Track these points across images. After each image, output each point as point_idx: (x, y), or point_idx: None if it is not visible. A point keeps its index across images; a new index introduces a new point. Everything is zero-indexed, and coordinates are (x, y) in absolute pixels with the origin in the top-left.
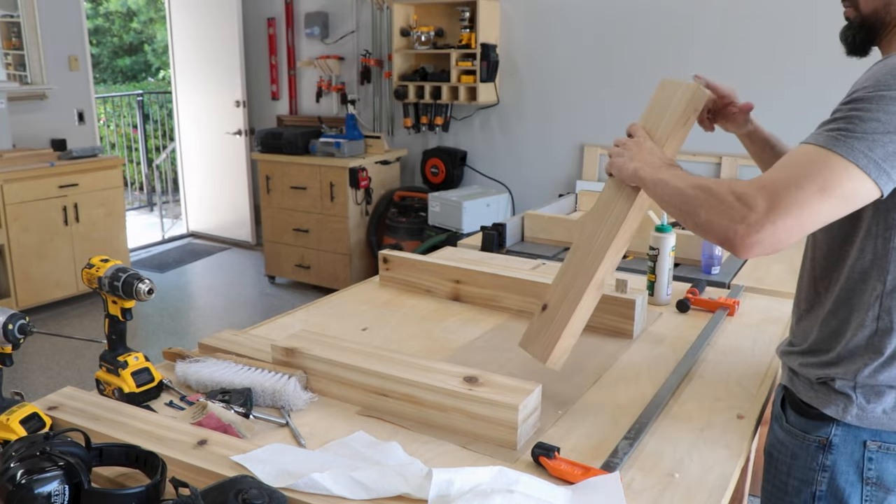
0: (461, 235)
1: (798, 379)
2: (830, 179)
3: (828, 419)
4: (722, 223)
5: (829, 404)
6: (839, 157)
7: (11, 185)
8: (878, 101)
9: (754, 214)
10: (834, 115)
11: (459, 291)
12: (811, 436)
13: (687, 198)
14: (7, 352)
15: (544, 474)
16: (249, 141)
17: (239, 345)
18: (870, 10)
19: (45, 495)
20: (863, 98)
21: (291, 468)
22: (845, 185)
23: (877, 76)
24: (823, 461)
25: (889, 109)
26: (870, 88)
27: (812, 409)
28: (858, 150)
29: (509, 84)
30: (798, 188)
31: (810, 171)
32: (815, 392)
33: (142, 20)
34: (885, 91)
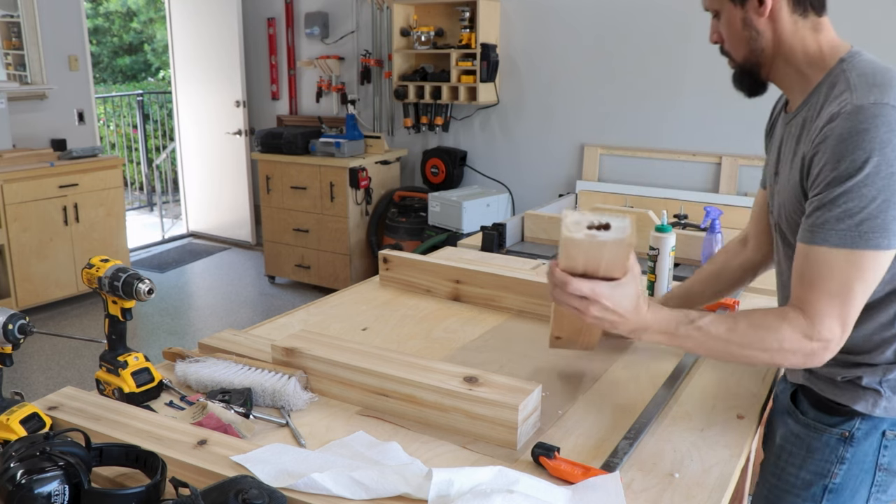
0: (461, 235)
1: (817, 378)
2: (871, 274)
3: (852, 413)
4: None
5: (859, 400)
6: (871, 251)
7: (11, 185)
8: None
9: (834, 343)
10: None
11: (459, 291)
12: (833, 429)
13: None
14: (7, 352)
15: (544, 474)
16: (249, 141)
17: (239, 345)
18: (742, 58)
19: (45, 495)
20: (846, 178)
21: (291, 468)
22: (879, 270)
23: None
24: (843, 453)
25: (872, 184)
26: (844, 166)
27: (839, 405)
28: (881, 236)
29: (509, 84)
30: (853, 299)
31: (854, 277)
32: (840, 390)
33: (142, 20)
34: (860, 165)
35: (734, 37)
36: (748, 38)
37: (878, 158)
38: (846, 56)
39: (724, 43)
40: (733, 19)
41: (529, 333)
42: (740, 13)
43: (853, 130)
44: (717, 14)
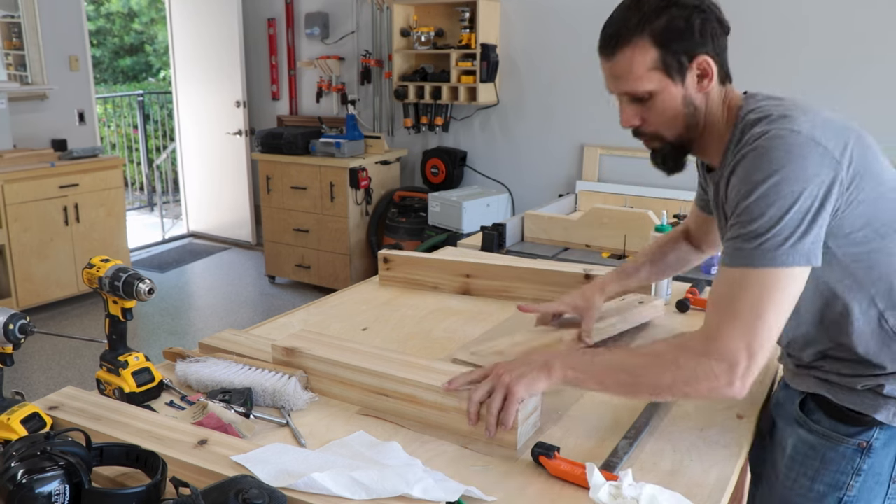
0: (461, 235)
1: (834, 386)
2: (780, 294)
3: (872, 423)
4: (704, 386)
5: (880, 409)
6: (772, 269)
7: (12, 185)
8: (762, 197)
9: (741, 366)
10: (736, 228)
11: (469, 285)
12: (851, 439)
13: (642, 369)
14: (8, 352)
15: (544, 474)
16: (249, 141)
17: (240, 345)
18: (676, 136)
19: (46, 495)
20: (746, 197)
21: (291, 468)
22: (792, 288)
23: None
24: (860, 465)
25: (773, 202)
26: (746, 188)
27: (859, 415)
28: (784, 254)
29: (509, 84)
30: (760, 319)
31: (760, 297)
32: (860, 398)
33: (143, 21)
34: (761, 186)
35: (670, 116)
36: (686, 116)
37: (778, 178)
38: (742, 103)
39: (648, 125)
40: (672, 99)
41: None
42: (681, 91)
43: (755, 157)
44: (642, 97)
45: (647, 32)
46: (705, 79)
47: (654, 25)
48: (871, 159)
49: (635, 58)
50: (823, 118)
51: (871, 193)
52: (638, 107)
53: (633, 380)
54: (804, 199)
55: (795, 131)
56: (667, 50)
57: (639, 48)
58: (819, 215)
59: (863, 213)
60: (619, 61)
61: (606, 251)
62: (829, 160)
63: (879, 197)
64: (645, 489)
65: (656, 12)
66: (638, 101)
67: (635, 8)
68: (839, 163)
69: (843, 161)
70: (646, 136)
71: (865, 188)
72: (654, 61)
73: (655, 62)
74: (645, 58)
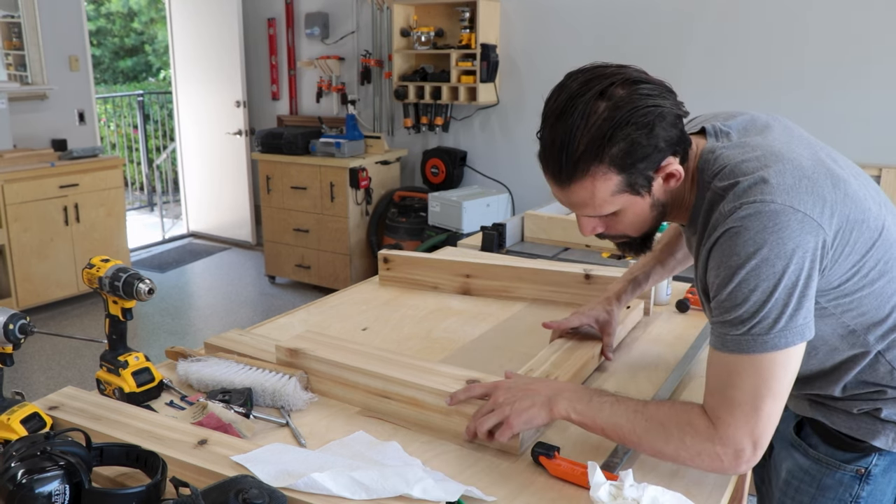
0: (461, 235)
1: (830, 410)
2: (778, 377)
3: (870, 449)
4: (707, 465)
5: (878, 435)
6: (769, 354)
7: (12, 185)
8: (744, 282)
9: (747, 453)
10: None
11: (469, 285)
12: (848, 466)
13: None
14: (8, 352)
15: (544, 474)
16: (249, 141)
17: (244, 344)
18: (643, 234)
19: (46, 495)
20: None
21: (291, 468)
22: (790, 367)
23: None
24: (858, 492)
25: (757, 287)
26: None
27: (856, 441)
28: (776, 336)
29: (509, 84)
30: (761, 408)
31: (758, 384)
32: (856, 423)
33: (143, 21)
34: (740, 271)
35: (639, 223)
36: (655, 217)
37: (757, 260)
38: (703, 164)
39: (611, 230)
40: (641, 210)
41: (535, 327)
42: (648, 200)
43: (730, 239)
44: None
45: (606, 158)
46: (673, 179)
47: (614, 149)
48: (851, 204)
49: (596, 187)
50: (794, 170)
51: (858, 244)
52: (600, 220)
53: (637, 441)
54: (789, 275)
55: (768, 202)
56: (632, 171)
57: (599, 177)
58: (808, 287)
59: (850, 262)
60: (577, 192)
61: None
62: (809, 225)
63: (866, 241)
64: (647, 490)
65: (610, 133)
66: (601, 216)
67: (584, 130)
68: (820, 225)
69: (824, 220)
70: (611, 238)
71: (851, 238)
72: (618, 186)
73: (620, 186)
74: (608, 185)
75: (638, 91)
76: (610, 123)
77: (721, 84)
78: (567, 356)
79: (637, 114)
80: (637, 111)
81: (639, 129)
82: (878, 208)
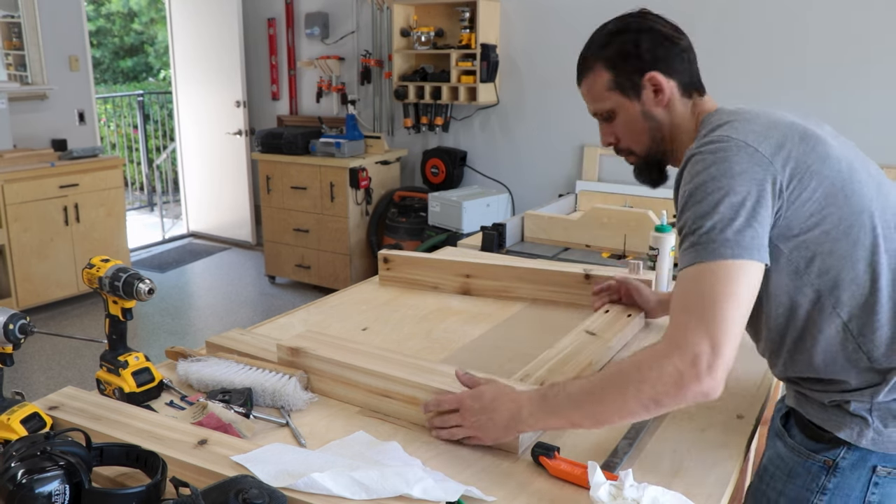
0: (461, 235)
1: (807, 400)
2: (735, 286)
3: (838, 441)
4: (671, 387)
5: (843, 427)
6: (721, 262)
7: (12, 185)
8: (692, 197)
9: (704, 356)
10: (682, 234)
11: (469, 285)
12: (817, 455)
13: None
14: (8, 352)
15: (544, 474)
16: (249, 141)
17: (246, 344)
18: (645, 150)
19: (46, 495)
20: (684, 203)
21: (291, 468)
22: (744, 281)
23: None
24: (825, 483)
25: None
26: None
27: (823, 431)
28: (726, 246)
29: (509, 84)
30: (716, 307)
31: (712, 287)
32: (826, 414)
33: (143, 21)
34: (690, 188)
35: (635, 131)
36: (649, 129)
37: (704, 176)
38: (703, 120)
39: (621, 141)
40: (632, 114)
41: (535, 327)
42: (638, 107)
43: (689, 168)
44: (608, 116)
45: (601, 58)
46: (660, 93)
47: (607, 52)
48: (816, 157)
49: (595, 81)
50: (767, 122)
51: (817, 193)
52: (609, 126)
53: (600, 405)
54: (734, 194)
55: (726, 136)
56: (618, 71)
57: (596, 73)
58: (755, 212)
59: (811, 212)
60: (585, 85)
61: (606, 251)
62: (758, 159)
63: (827, 196)
64: (647, 491)
65: (609, 40)
66: (606, 119)
67: (593, 40)
68: (771, 163)
69: (776, 161)
70: (622, 152)
71: (809, 187)
72: (609, 82)
73: (610, 83)
74: (602, 80)
75: (644, 17)
76: (610, 34)
77: (721, 84)
78: (563, 364)
79: (630, 28)
80: (632, 27)
81: (629, 37)
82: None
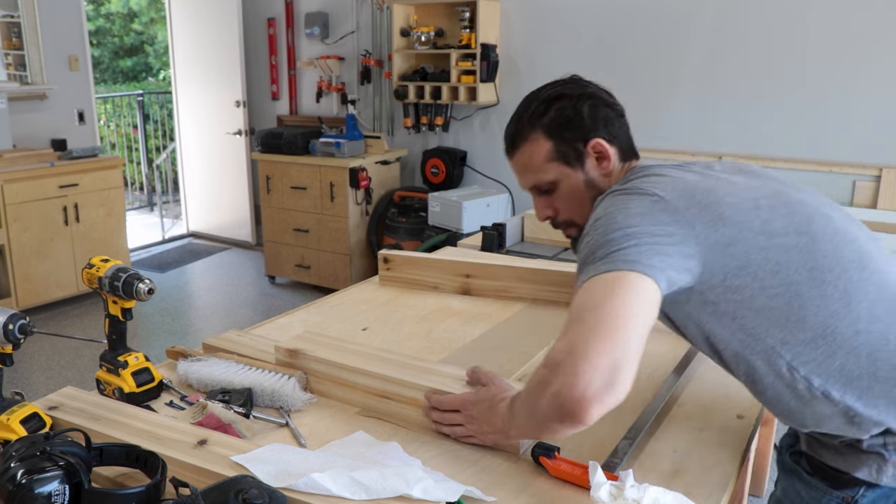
0: (461, 235)
1: (815, 442)
2: (609, 294)
3: (857, 481)
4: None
5: (861, 467)
6: (597, 276)
7: (11, 185)
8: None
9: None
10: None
11: (469, 285)
12: (835, 492)
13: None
14: (7, 352)
15: (544, 474)
16: (249, 141)
17: (243, 345)
18: (586, 220)
19: (46, 495)
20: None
21: (291, 468)
22: (625, 289)
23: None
24: None
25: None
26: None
27: (840, 473)
28: (606, 262)
29: (509, 84)
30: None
31: (583, 299)
32: (840, 455)
33: (143, 21)
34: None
35: (578, 201)
36: (592, 198)
37: (601, 214)
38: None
39: (561, 214)
40: (575, 184)
41: (535, 327)
42: (581, 176)
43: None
44: (548, 189)
45: (538, 126)
46: (604, 160)
47: (545, 118)
48: (728, 207)
49: (532, 151)
50: (680, 184)
51: (735, 237)
52: (547, 199)
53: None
54: (628, 227)
55: (630, 188)
56: (559, 139)
57: (534, 142)
58: (649, 242)
59: (733, 256)
60: (520, 157)
61: None
62: (661, 204)
63: (747, 241)
64: (648, 491)
65: (545, 106)
66: (546, 192)
67: (526, 107)
68: (676, 209)
69: (682, 207)
70: (561, 225)
71: (723, 231)
72: (549, 152)
73: (551, 153)
74: (541, 150)
75: (578, 83)
76: (547, 102)
77: (721, 84)
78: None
79: (569, 94)
80: (570, 93)
81: (568, 102)
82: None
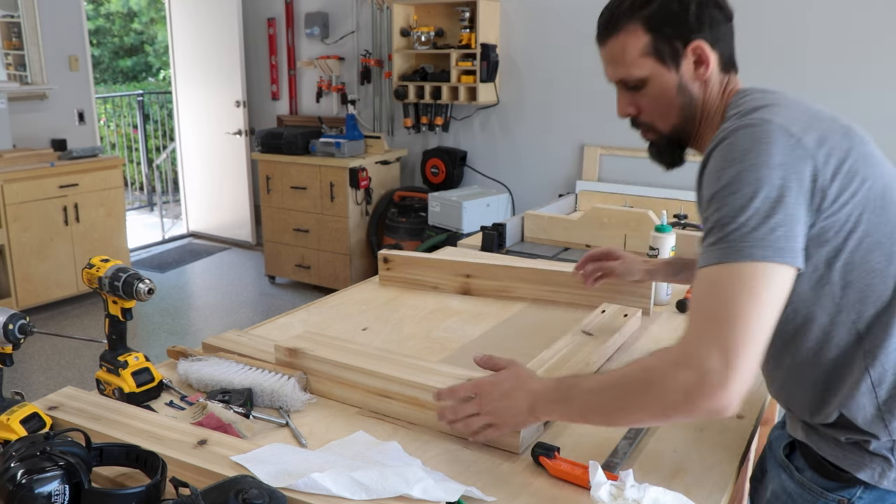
0: (461, 235)
1: (818, 435)
2: (761, 292)
3: (856, 481)
4: (680, 401)
5: (864, 468)
6: (749, 263)
7: (12, 185)
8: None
9: (714, 374)
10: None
11: (469, 285)
12: (831, 494)
13: (614, 396)
14: (7, 352)
15: (544, 474)
16: (249, 141)
17: (242, 345)
18: (671, 127)
19: (46, 495)
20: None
21: (291, 468)
22: (772, 286)
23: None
24: None
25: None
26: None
27: (840, 471)
28: (757, 247)
29: (509, 84)
30: (736, 318)
31: (735, 293)
32: (843, 452)
33: (143, 21)
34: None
35: (665, 105)
36: (682, 105)
37: (740, 166)
38: (732, 101)
39: (643, 114)
40: (666, 86)
41: (535, 327)
42: (675, 78)
43: (720, 151)
44: (637, 85)
45: (638, 17)
46: (702, 66)
47: (646, 10)
48: (859, 158)
49: (627, 43)
50: (806, 111)
51: (857, 196)
52: (633, 95)
53: (609, 410)
54: (770, 187)
55: (766, 120)
56: (658, 34)
57: (630, 33)
58: (792, 207)
59: (847, 213)
60: (612, 47)
61: None
62: (800, 150)
63: (867, 201)
64: (648, 492)
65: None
66: (633, 88)
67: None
68: (813, 156)
69: (819, 154)
70: (642, 126)
71: (849, 188)
72: (645, 46)
73: (647, 47)
74: (636, 43)
75: None
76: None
77: None
78: (562, 364)
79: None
80: None
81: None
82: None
